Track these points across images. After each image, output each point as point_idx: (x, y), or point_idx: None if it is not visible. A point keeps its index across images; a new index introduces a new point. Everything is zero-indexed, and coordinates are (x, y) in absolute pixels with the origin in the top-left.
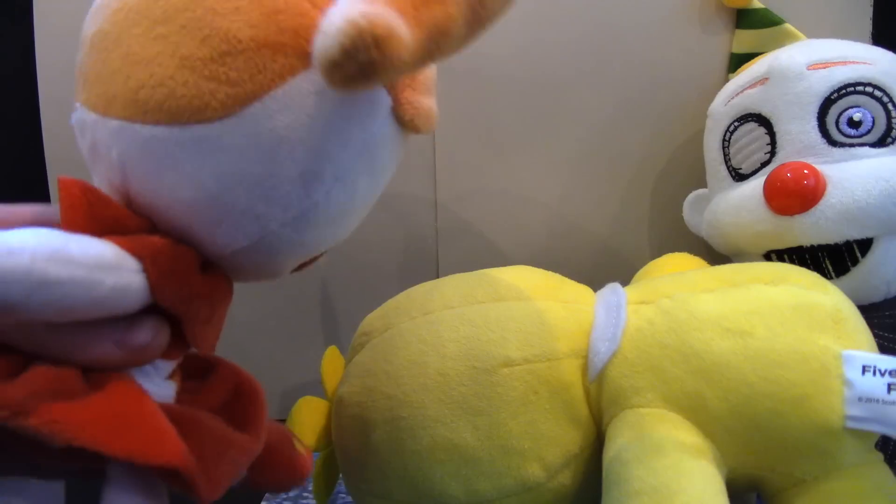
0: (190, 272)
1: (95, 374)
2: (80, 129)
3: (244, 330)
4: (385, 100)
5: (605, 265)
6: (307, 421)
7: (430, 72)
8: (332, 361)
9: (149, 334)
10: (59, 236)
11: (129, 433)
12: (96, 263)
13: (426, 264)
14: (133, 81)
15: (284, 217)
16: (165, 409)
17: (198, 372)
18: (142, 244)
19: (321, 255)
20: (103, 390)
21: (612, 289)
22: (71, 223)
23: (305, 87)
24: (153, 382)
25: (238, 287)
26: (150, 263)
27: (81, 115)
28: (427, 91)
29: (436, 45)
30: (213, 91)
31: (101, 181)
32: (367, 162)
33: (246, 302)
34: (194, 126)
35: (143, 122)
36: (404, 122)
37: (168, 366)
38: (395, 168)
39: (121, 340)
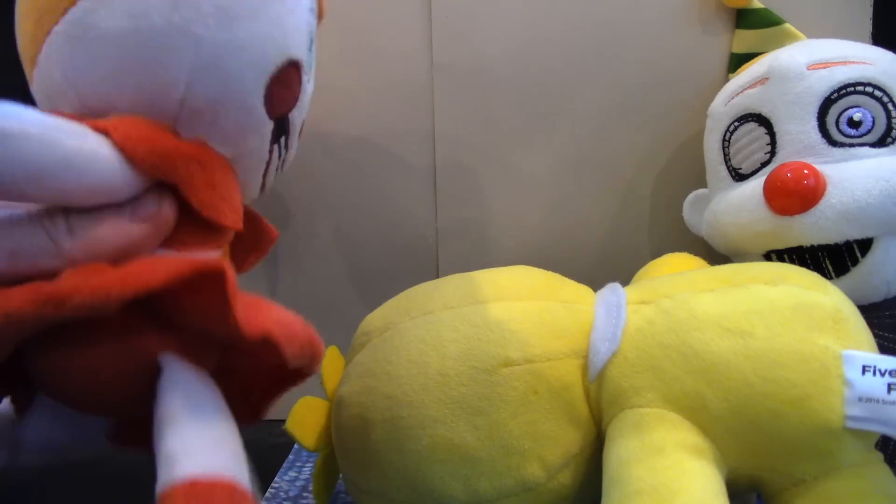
0: (161, 134)
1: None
2: (39, 101)
3: None
4: None
5: (605, 265)
6: (307, 421)
7: None
8: (332, 361)
9: (153, 201)
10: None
11: (166, 263)
12: (54, 124)
13: (426, 264)
14: (28, 5)
15: (202, 13)
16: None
17: None
18: (103, 122)
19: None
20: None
21: (612, 289)
22: None
23: None
24: None
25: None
26: (112, 130)
27: (35, 84)
28: None
29: None
30: None
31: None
32: None
33: None
34: (69, 10)
35: (55, 23)
36: None
37: (203, 253)
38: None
39: (132, 215)
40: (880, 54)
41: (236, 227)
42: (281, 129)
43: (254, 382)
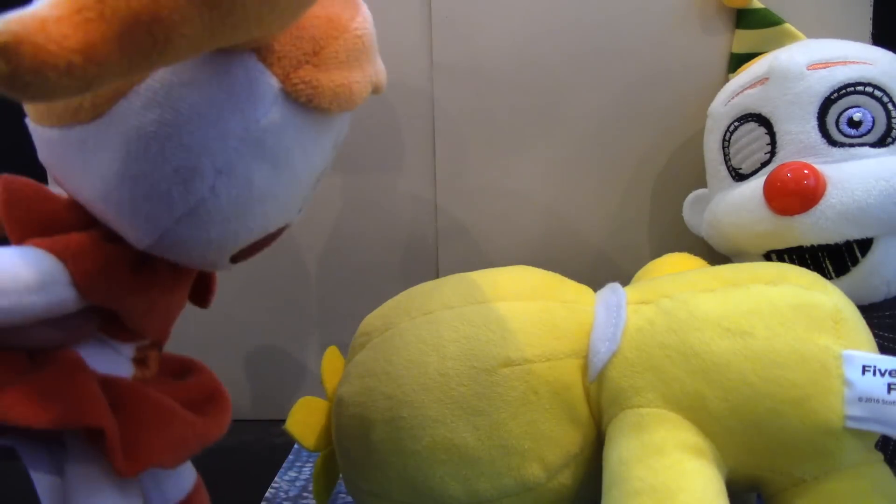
0: (119, 270)
1: (42, 354)
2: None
3: (244, 330)
4: (269, 83)
5: (605, 265)
6: (307, 421)
7: (354, 39)
8: (332, 361)
9: (80, 321)
10: None
11: (57, 404)
12: (24, 288)
13: (426, 264)
14: None
15: (172, 215)
16: (111, 380)
17: (180, 372)
18: (65, 244)
19: (279, 232)
20: (43, 369)
21: (612, 289)
22: (5, 219)
23: (171, 80)
24: (112, 361)
25: (238, 287)
26: (72, 264)
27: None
28: (342, 64)
29: (144, 38)
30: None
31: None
32: (256, 152)
33: (246, 302)
34: (75, 128)
35: (45, 125)
36: (303, 103)
37: (127, 348)
38: (324, 149)
39: (57, 326)
40: (880, 54)
41: (160, 339)
42: (245, 254)
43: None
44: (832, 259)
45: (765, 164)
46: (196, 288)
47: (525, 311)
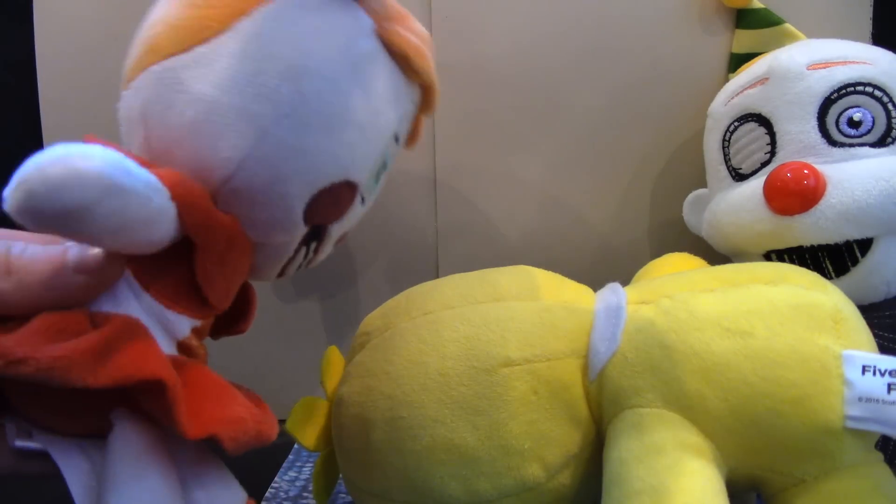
0: (207, 202)
1: (102, 315)
2: (121, 120)
3: None
4: (366, 19)
5: (605, 265)
6: (307, 421)
7: (416, 22)
8: (332, 361)
9: (101, 257)
10: (118, 152)
11: (116, 358)
12: (147, 181)
13: (426, 264)
14: (148, 33)
15: (276, 113)
16: (170, 356)
17: None
18: (167, 173)
19: (346, 194)
20: (101, 328)
21: (612, 289)
22: None
23: (291, 2)
24: (162, 341)
25: None
26: (176, 185)
27: (121, 103)
28: (413, 32)
29: None
30: (210, 15)
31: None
32: (354, 72)
33: None
34: (196, 48)
35: (157, 62)
36: (392, 46)
37: (182, 323)
38: (397, 116)
39: (77, 265)
40: (880, 54)
41: (218, 308)
42: (315, 235)
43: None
44: (832, 259)
45: (765, 164)
46: (235, 307)
47: (525, 311)
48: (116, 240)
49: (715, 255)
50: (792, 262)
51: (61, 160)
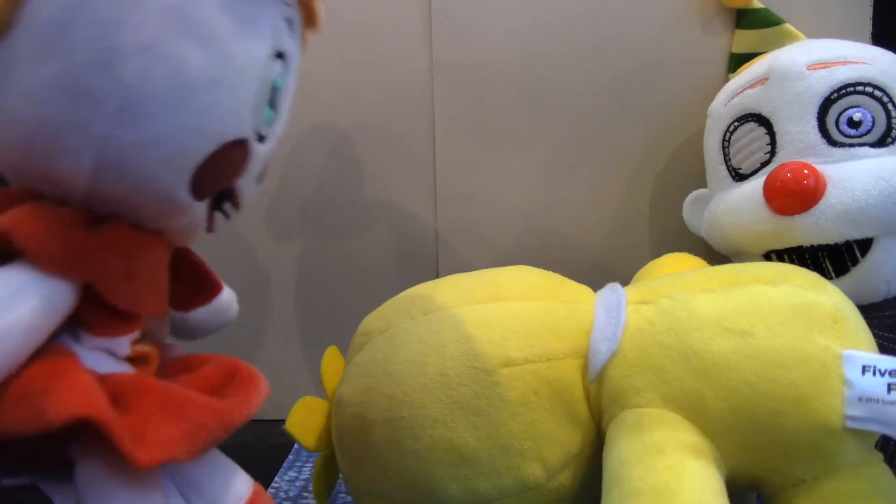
0: (72, 228)
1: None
2: None
3: (244, 330)
4: None
5: (605, 265)
6: (307, 421)
7: None
8: (332, 361)
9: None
10: None
11: (37, 402)
12: (13, 293)
13: (426, 264)
14: None
15: (105, 113)
16: (110, 377)
17: (196, 367)
18: (6, 221)
19: (238, 153)
20: (27, 366)
21: (612, 289)
22: None
23: None
24: (108, 366)
25: (238, 287)
26: (17, 233)
27: None
28: None
29: None
30: None
31: None
32: (180, 24)
33: (246, 302)
34: None
35: None
36: None
37: (121, 344)
38: (261, 35)
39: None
40: (880, 54)
41: (157, 313)
42: (222, 197)
43: None
44: (832, 259)
45: (765, 164)
46: (189, 281)
47: (525, 311)
48: (36, 342)
49: (715, 255)
50: (792, 262)
51: None
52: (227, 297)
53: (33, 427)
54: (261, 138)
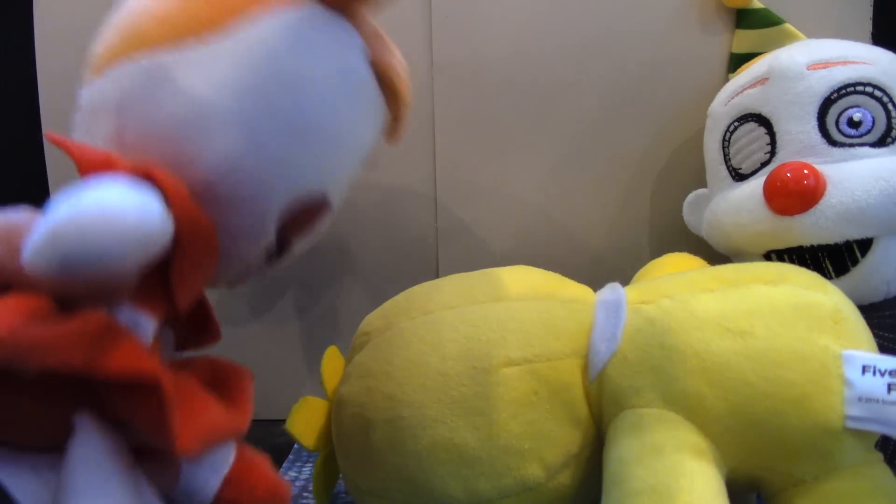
0: (197, 207)
1: (69, 307)
2: (83, 106)
3: (244, 330)
4: (358, 42)
5: (605, 265)
6: (307, 421)
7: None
8: (332, 361)
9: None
10: (128, 182)
11: (111, 351)
12: (159, 212)
13: (426, 264)
14: (127, 21)
15: (273, 124)
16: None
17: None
18: (164, 177)
19: (317, 210)
20: (78, 317)
21: (612, 289)
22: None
23: (295, 16)
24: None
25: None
26: (162, 178)
27: (83, 94)
28: (397, 60)
29: None
30: (202, 11)
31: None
32: (348, 93)
33: (246, 302)
34: (189, 45)
35: (142, 53)
36: (383, 75)
37: (149, 322)
38: (368, 139)
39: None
40: (880, 54)
41: (182, 309)
42: (280, 248)
43: None
44: (832, 259)
45: (765, 164)
46: (194, 317)
47: (525, 311)
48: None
49: (715, 255)
50: (792, 262)
51: (98, 215)
52: None
53: (86, 367)
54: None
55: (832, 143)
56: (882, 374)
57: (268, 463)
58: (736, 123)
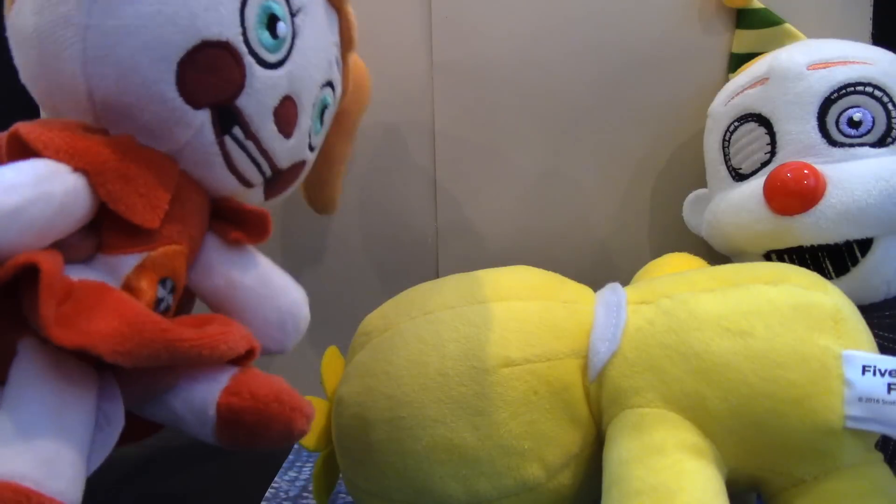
0: (76, 130)
1: None
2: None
3: None
4: None
5: (605, 265)
6: None
7: None
8: (332, 361)
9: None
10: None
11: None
12: (35, 179)
13: (426, 264)
14: None
15: (81, 4)
16: (77, 281)
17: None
18: (21, 127)
19: (223, 56)
20: None
21: (612, 289)
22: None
23: None
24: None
25: None
26: (28, 136)
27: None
28: None
29: None
30: None
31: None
32: None
33: None
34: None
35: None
36: None
37: (124, 262)
38: None
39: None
40: (880, 54)
41: (150, 224)
42: (227, 119)
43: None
44: (832, 259)
45: (765, 164)
46: (229, 217)
47: (525, 311)
48: (46, 238)
49: (715, 255)
50: (792, 262)
51: None
52: (287, 283)
53: None
54: (260, 60)
55: (832, 143)
56: (882, 374)
57: (279, 378)
58: (736, 123)
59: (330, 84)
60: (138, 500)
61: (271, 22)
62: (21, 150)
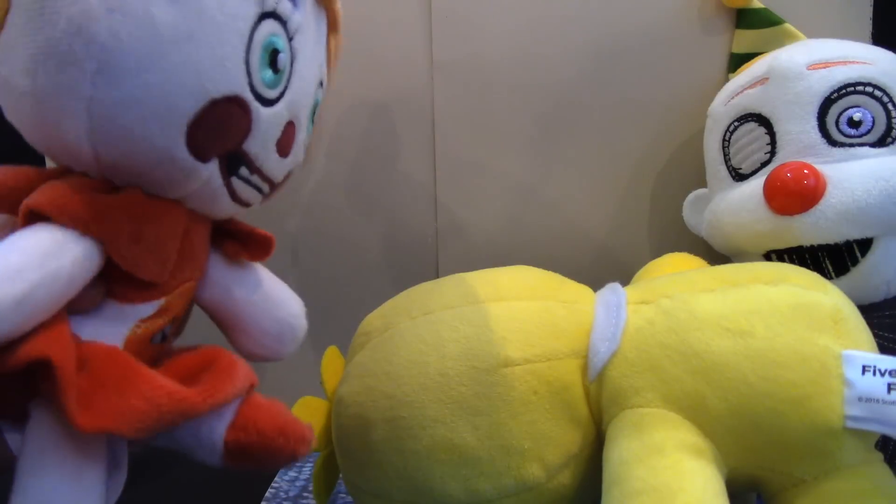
0: (88, 192)
1: None
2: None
3: None
4: None
5: (605, 265)
6: (307, 421)
7: None
8: (332, 361)
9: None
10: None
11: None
12: (41, 259)
13: (426, 264)
14: None
15: (87, 74)
16: (85, 343)
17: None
18: (35, 194)
19: (232, 110)
20: None
21: (612, 289)
22: None
23: None
24: (104, 334)
25: None
26: (42, 203)
27: None
28: None
29: None
30: None
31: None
32: None
33: None
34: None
35: None
36: None
37: (129, 315)
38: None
39: None
40: (880, 54)
41: (157, 279)
42: (234, 162)
43: None
44: (832, 259)
45: (765, 164)
46: (233, 237)
47: (525, 311)
48: (60, 306)
49: (715, 255)
50: (792, 262)
51: None
52: (285, 296)
53: None
54: (264, 101)
55: (832, 143)
56: (882, 374)
57: (281, 406)
58: (736, 123)
59: (321, 82)
60: (138, 499)
61: (272, 57)
62: (33, 215)
